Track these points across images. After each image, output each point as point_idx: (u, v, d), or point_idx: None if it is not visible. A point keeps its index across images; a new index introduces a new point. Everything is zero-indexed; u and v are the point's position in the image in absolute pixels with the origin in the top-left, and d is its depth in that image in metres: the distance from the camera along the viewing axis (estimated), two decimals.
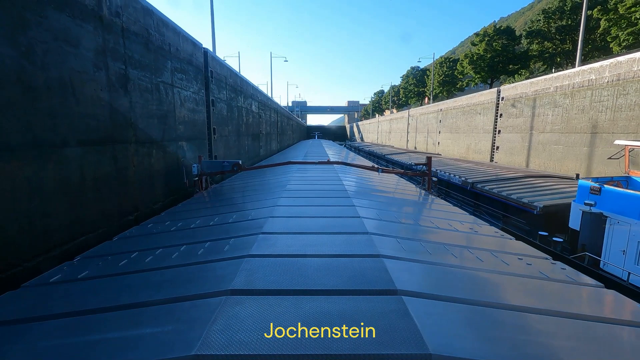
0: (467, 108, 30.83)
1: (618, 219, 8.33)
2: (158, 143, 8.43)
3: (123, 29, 6.81)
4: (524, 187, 13.62)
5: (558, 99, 19.14)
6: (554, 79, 19.67)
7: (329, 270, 3.74)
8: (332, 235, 5.04)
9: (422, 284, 3.56)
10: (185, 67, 10.25)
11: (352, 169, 13.64)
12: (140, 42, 7.54)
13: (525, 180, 15.01)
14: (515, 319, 2.98)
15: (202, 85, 11.76)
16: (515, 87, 23.50)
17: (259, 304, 3.00)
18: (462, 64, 43.07)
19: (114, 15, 6.50)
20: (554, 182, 14.41)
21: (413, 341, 2.44)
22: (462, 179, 16.33)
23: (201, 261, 4.19)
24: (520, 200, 11.89)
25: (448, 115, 35.48)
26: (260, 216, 6.23)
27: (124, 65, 6.87)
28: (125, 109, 6.92)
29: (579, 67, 18.61)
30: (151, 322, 2.86)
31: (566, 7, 32.99)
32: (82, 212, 5.67)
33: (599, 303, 3.64)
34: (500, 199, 13.08)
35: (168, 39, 8.94)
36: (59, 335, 2.81)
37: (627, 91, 14.92)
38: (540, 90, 20.61)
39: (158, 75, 8.41)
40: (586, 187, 9.26)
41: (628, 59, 15.02)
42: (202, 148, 11.94)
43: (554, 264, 4.65)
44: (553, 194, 12.23)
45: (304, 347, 2.38)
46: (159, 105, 8.46)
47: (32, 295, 3.75)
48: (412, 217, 7.04)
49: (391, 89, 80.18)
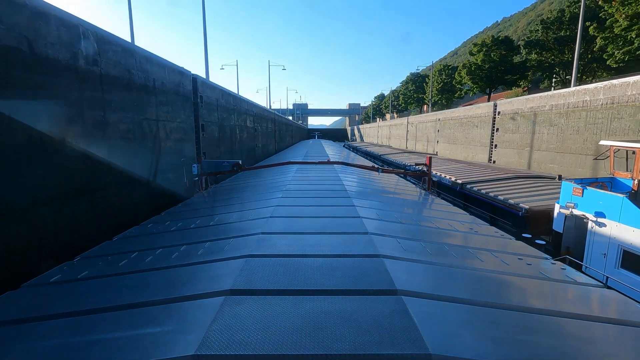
0: (464, 120, 30.69)
1: (599, 221, 8.07)
2: (140, 181, 8.36)
3: (101, 76, 6.76)
4: (512, 188, 13.39)
5: (553, 117, 18.98)
6: (549, 97, 19.52)
7: (329, 270, 3.73)
8: (332, 235, 5.03)
9: (422, 284, 3.55)
10: (172, 98, 10.15)
11: (352, 169, 13.61)
12: (121, 84, 7.49)
13: (514, 181, 14.77)
14: (515, 319, 2.97)
15: (190, 112, 11.71)
16: (511, 103, 23.36)
17: (258, 304, 2.99)
18: (460, 74, 42.93)
19: (91, 64, 6.44)
20: (544, 183, 14.20)
21: (413, 341, 2.44)
22: (451, 179, 16.07)
23: (201, 261, 4.18)
24: (507, 201, 11.63)
25: (446, 126, 35.33)
26: (260, 216, 6.21)
27: (102, 112, 6.81)
28: (104, 155, 6.86)
29: (574, 87, 18.46)
30: (151, 322, 2.85)
31: (565, 17, 32.83)
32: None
33: (598, 303, 3.63)
34: (489, 200, 12.84)
35: (152, 75, 8.86)
36: (59, 335, 2.81)
37: (621, 115, 14.74)
38: (536, 107, 20.45)
39: (141, 113, 8.34)
40: (569, 189, 9.03)
41: (622, 82, 14.83)
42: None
43: (554, 264, 4.63)
44: (540, 196, 11.95)
45: (304, 347, 2.38)
46: (141, 142, 8.39)
47: (32, 295, 3.75)
48: (412, 217, 7.01)
49: (391, 93, 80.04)
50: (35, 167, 5.21)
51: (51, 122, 5.49)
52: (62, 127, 5.74)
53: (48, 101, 5.42)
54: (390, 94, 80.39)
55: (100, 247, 5.41)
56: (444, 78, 51.84)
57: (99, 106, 6.70)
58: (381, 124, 72.43)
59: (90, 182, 6.45)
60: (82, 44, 6.12)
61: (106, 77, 6.89)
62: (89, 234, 6.20)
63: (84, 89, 6.26)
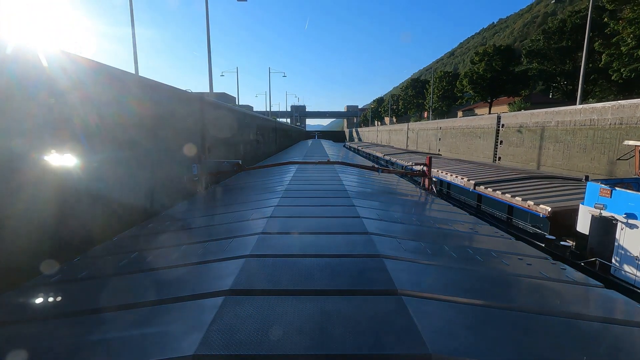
0: (466, 130, 30.60)
1: (630, 223, 7.82)
2: None
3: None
4: (529, 189, 12.72)
5: (559, 134, 18.91)
6: (555, 113, 19.46)
7: (329, 270, 3.74)
8: (332, 235, 5.05)
9: (422, 284, 3.55)
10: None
11: (352, 169, 13.65)
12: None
13: (530, 181, 14.01)
14: (515, 319, 2.98)
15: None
16: (515, 116, 23.30)
17: (258, 304, 3.00)
18: (462, 82, 42.93)
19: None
20: (561, 183, 13.62)
21: (413, 341, 2.44)
22: (463, 180, 15.36)
23: (201, 261, 4.19)
24: (526, 202, 11.05)
25: (447, 135, 35.24)
26: (260, 216, 6.21)
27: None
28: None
29: (580, 104, 18.41)
30: (151, 322, 2.86)
31: (566, 27, 32.88)
32: None
33: (598, 303, 3.64)
34: (505, 202, 12.25)
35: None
36: (59, 335, 2.81)
37: (629, 136, 14.68)
38: (542, 122, 20.39)
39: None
40: (595, 190, 8.70)
41: (631, 104, 14.74)
42: None
43: (554, 264, 4.62)
44: (561, 196, 11.37)
45: (304, 347, 2.38)
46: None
47: (32, 295, 3.75)
48: (412, 217, 6.97)
49: (390, 98, 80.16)
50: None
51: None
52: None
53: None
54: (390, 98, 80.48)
55: (100, 247, 5.41)
56: (444, 85, 51.85)
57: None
58: (381, 128, 72.46)
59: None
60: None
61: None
62: None
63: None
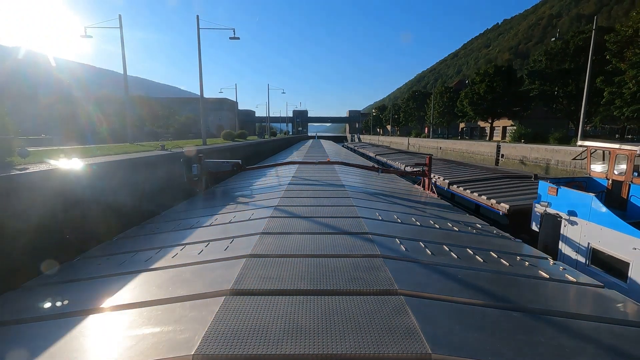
0: (466, 154, 30.34)
1: (571, 220, 8.26)
2: None
3: None
4: (495, 188, 13.29)
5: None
6: (554, 151, 19.15)
7: (329, 270, 3.74)
8: (332, 235, 5.07)
9: (422, 284, 3.55)
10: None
11: (352, 169, 13.66)
12: None
13: (499, 181, 14.67)
14: (515, 319, 2.97)
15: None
16: (515, 148, 23.00)
17: (258, 304, 3.01)
18: (462, 103, 42.54)
19: None
20: (528, 182, 14.12)
21: (413, 341, 2.44)
22: (439, 179, 15.85)
23: (201, 261, 4.19)
24: (489, 201, 11.57)
25: (447, 156, 34.96)
26: (260, 216, 6.23)
27: None
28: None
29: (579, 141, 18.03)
30: (151, 322, 2.86)
31: (569, 49, 32.46)
32: None
33: (598, 303, 3.63)
34: (473, 200, 12.77)
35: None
36: (58, 335, 2.81)
37: None
38: (541, 159, 20.08)
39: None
40: (545, 188, 9.23)
41: None
42: None
43: (555, 264, 4.63)
44: (521, 195, 11.89)
45: (304, 347, 2.38)
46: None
47: (32, 295, 3.75)
48: (412, 217, 6.96)
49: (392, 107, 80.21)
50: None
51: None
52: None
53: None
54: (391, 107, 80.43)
55: (100, 247, 5.43)
56: (445, 100, 51.45)
57: None
58: (382, 138, 73.03)
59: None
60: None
61: None
62: None
63: None
